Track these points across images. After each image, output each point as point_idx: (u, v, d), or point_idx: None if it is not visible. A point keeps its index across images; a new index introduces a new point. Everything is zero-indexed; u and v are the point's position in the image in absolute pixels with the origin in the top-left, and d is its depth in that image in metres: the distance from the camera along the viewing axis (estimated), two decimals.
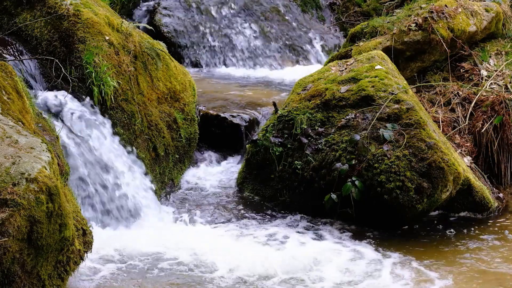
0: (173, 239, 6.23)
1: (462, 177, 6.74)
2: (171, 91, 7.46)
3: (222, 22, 10.71)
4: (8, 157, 4.73)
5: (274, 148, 7.10)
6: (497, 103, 7.65)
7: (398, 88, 7.03)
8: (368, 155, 6.65)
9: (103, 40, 6.83)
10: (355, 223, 6.68)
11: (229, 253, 6.00)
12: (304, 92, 7.32)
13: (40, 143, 4.99)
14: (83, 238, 5.39)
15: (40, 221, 4.64)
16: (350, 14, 11.49)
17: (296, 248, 6.21)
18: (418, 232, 6.71)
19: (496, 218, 7.05)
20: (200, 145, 7.85)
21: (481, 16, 8.57)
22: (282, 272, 5.75)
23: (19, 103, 5.57)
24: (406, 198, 6.52)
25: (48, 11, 6.81)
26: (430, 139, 6.66)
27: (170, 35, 10.23)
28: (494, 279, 5.85)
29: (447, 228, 6.81)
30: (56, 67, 6.61)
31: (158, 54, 7.34)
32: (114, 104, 6.76)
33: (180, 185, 7.35)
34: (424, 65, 8.32)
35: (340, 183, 6.64)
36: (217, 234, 6.45)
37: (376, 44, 8.13)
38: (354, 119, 6.93)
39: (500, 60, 8.43)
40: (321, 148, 6.92)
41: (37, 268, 4.79)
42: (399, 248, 6.34)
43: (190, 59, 10.28)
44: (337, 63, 7.58)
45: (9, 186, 4.57)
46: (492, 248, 6.42)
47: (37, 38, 6.77)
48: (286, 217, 6.86)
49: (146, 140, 7.01)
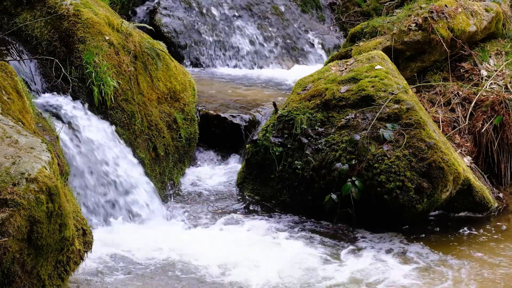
0: (172, 239, 6.23)
1: (462, 177, 6.74)
2: (171, 91, 7.46)
3: (222, 22, 10.70)
4: (8, 157, 4.73)
5: (274, 148, 7.10)
6: (497, 103, 7.65)
7: (398, 88, 7.03)
8: (368, 155, 6.65)
9: (103, 40, 6.83)
10: (355, 223, 6.68)
11: (229, 254, 6.00)
12: (304, 92, 7.32)
13: (40, 143, 4.99)
14: (83, 238, 5.39)
15: (40, 221, 4.64)
16: (350, 14, 11.49)
17: (297, 249, 6.21)
18: (418, 232, 6.71)
19: (496, 218, 7.05)
20: (200, 145, 7.85)
21: (481, 16, 8.57)
22: (282, 277, 5.75)
23: (19, 103, 5.57)
24: (406, 198, 6.52)
25: (48, 11, 6.81)
26: (430, 139, 6.66)
27: (170, 35, 10.23)
28: (494, 279, 5.85)
29: (447, 228, 6.81)
30: (56, 67, 6.61)
31: (158, 54, 7.34)
32: (114, 104, 6.76)
33: (180, 185, 7.35)
34: (424, 65, 8.32)
35: (340, 183, 6.64)
36: (216, 234, 6.45)
37: (376, 44, 8.13)
38: (354, 119, 6.93)
39: (500, 60, 8.43)
40: (321, 148, 6.92)
41: (37, 268, 4.79)
42: (400, 248, 6.35)
43: (190, 59, 10.28)
44: (337, 63, 7.58)
45: (9, 186, 4.57)
46: (493, 248, 6.42)
47: (37, 38, 6.77)
48: (286, 217, 6.86)
49: (146, 140, 7.01)
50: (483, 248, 6.40)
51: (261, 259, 5.92)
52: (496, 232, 6.74)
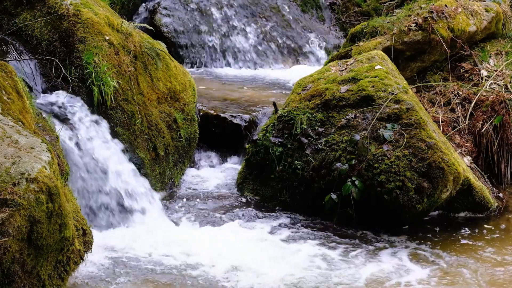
0: (172, 239, 6.22)
1: (462, 177, 6.74)
2: (171, 91, 7.46)
3: (222, 22, 10.70)
4: (8, 157, 4.73)
5: (274, 148, 7.10)
6: (497, 103, 7.65)
7: (398, 88, 7.03)
8: (368, 155, 6.65)
9: (103, 40, 6.83)
10: (355, 223, 6.68)
11: (228, 254, 6.00)
12: (304, 92, 7.32)
13: (40, 143, 4.99)
14: (83, 238, 5.39)
15: (40, 221, 4.64)
16: (350, 14, 11.49)
17: (304, 250, 6.20)
18: (418, 232, 6.71)
19: (496, 218, 7.05)
20: (200, 145, 7.85)
21: (481, 16, 8.57)
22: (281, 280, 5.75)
23: (19, 103, 5.57)
24: (406, 198, 6.52)
25: (48, 11, 6.81)
26: (430, 139, 6.66)
27: (170, 35, 10.23)
28: (495, 280, 5.85)
29: (447, 228, 6.81)
30: (56, 67, 6.61)
31: (158, 54, 7.34)
32: (114, 104, 6.76)
33: (180, 185, 7.35)
34: (424, 65, 8.33)
35: (340, 183, 6.64)
36: (217, 234, 6.45)
37: (376, 44, 8.13)
38: (354, 119, 6.93)
39: (500, 60, 8.44)
40: (321, 148, 6.92)
41: (37, 268, 4.79)
42: (400, 248, 6.36)
43: (190, 59, 10.28)
44: (337, 63, 7.58)
45: (9, 186, 4.57)
46: (493, 248, 6.42)
47: (37, 38, 6.77)
48: (286, 217, 6.85)
49: (146, 140, 7.01)
50: (483, 248, 6.40)
51: (267, 261, 5.90)
52: (497, 232, 6.74)
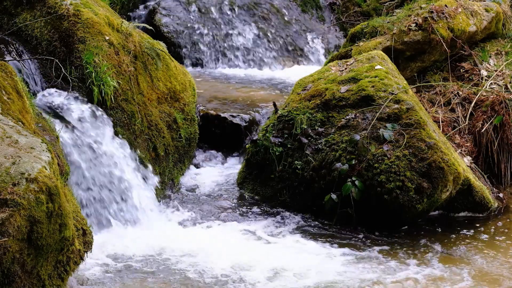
0: (172, 239, 6.22)
1: (462, 177, 6.74)
2: (171, 91, 7.46)
3: (222, 22, 10.70)
4: (8, 157, 4.73)
5: (274, 148, 7.10)
6: (497, 103, 7.65)
7: (398, 88, 7.03)
8: (368, 155, 6.65)
9: (103, 40, 6.83)
10: (355, 223, 6.68)
11: (228, 254, 6.00)
12: (304, 92, 7.32)
13: (40, 143, 4.99)
14: (83, 238, 5.39)
15: (40, 221, 4.63)
16: (350, 14, 11.49)
17: (298, 249, 6.21)
18: (418, 232, 6.71)
19: (496, 218, 7.05)
20: (200, 145, 7.85)
21: (481, 16, 8.57)
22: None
23: (19, 103, 5.57)
24: (406, 198, 6.52)
25: (48, 11, 6.81)
26: (430, 139, 6.66)
27: (170, 35, 10.23)
28: (495, 280, 5.85)
29: (447, 228, 6.81)
30: (56, 67, 6.61)
31: (158, 54, 7.34)
32: (114, 104, 6.76)
33: (180, 185, 7.35)
34: (424, 65, 8.32)
35: (340, 183, 6.64)
36: (217, 234, 6.45)
37: (376, 44, 8.13)
38: (354, 119, 6.94)
39: (500, 60, 8.44)
40: (321, 148, 6.93)
41: (37, 268, 4.79)
42: (400, 248, 6.35)
43: (190, 59, 10.28)
44: (337, 63, 7.58)
45: (9, 186, 4.57)
46: (493, 248, 6.42)
47: (37, 38, 6.77)
48: (286, 217, 6.85)
49: (146, 140, 7.01)
50: (484, 248, 6.40)
51: (267, 260, 5.90)
52: (497, 232, 6.74)
